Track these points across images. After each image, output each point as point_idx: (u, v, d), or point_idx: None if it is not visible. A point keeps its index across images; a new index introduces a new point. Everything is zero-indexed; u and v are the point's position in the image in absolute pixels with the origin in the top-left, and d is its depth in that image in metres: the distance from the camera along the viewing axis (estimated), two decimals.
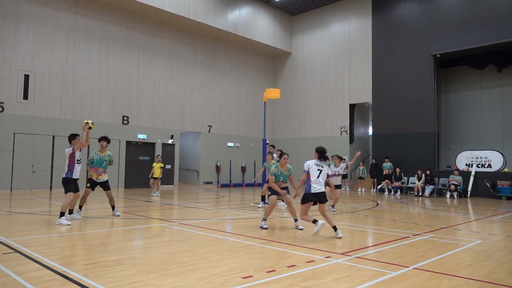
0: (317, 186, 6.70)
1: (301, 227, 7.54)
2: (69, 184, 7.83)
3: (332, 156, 11.01)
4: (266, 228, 7.56)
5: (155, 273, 4.39)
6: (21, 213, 9.34)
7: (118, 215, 8.96)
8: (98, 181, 8.80)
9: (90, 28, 17.84)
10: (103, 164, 8.76)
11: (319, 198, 6.71)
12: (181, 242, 6.25)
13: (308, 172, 6.76)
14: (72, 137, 8.03)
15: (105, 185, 8.86)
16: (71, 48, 17.25)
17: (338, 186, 10.78)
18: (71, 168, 7.83)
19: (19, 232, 6.89)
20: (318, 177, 6.75)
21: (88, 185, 8.81)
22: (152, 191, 15.27)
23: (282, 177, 7.88)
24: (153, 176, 15.17)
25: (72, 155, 7.82)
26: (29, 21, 16.08)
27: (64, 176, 7.85)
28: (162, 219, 8.86)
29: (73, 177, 7.87)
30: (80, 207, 8.65)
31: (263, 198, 11.92)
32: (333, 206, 10.72)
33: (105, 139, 8.90)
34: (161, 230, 7.52)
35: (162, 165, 15.26)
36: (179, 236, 6.85)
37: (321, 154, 6.91)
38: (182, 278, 4.22)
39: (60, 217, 7.62)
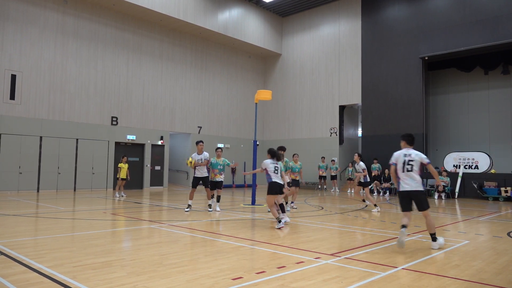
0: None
1: None
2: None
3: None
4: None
5: (144, 275, 4.36)
6: (7, 215, 9.19)
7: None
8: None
9: (79, 28, 17.67)
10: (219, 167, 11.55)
11: None
12: (170, 243, 6.22)
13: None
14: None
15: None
16: (60, 48, 17.06)
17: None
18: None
19: (5, 234, 6.78)
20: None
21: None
22: (118, 192, 14.85)
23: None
24: (121, 177, 14.88)
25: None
26: (16, 20, 15.85)
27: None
28: (151, 221, 8.80)
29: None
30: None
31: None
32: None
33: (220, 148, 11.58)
34: (150, 232, 7.47)
35: (127, 165, 15.05)
36: (169, 237, 6.82)
37: (273, 154, 8.00)
38: (171, 280, 4.20)
39: (435, 240, 6.07)
